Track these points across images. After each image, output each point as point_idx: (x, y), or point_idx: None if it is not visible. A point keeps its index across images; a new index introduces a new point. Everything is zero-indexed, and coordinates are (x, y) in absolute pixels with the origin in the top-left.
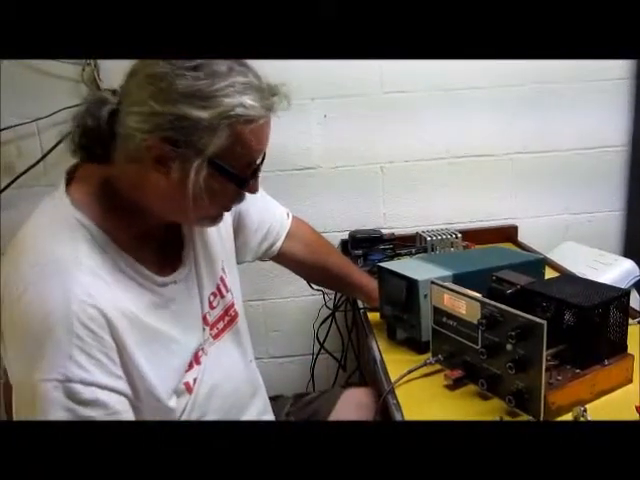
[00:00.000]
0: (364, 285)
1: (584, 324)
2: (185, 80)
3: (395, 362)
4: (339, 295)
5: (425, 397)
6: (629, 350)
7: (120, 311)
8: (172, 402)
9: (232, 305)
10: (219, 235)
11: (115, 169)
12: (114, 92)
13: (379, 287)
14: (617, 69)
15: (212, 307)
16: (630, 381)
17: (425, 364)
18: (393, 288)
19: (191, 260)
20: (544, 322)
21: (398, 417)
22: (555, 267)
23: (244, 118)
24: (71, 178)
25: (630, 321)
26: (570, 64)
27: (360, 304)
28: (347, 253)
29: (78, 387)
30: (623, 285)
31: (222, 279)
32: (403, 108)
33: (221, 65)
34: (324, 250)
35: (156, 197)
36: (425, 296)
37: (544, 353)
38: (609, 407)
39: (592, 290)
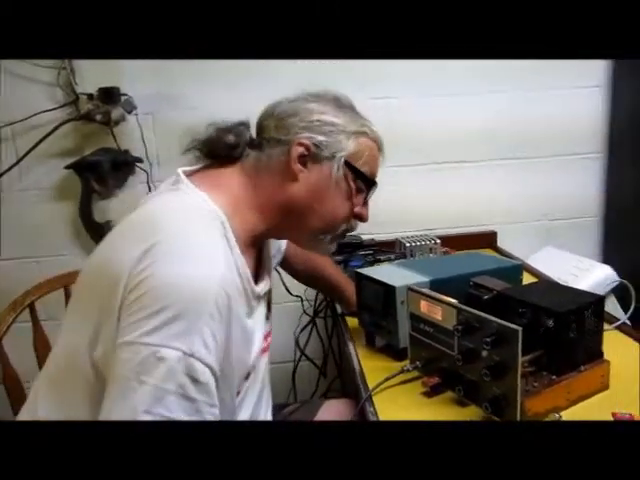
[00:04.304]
0: (335, 281)
1: (560, 330)
2: (329, 104)
3: (374, 369)
4: (319, 301)
5: (402, 405)
6: (607, 356)
7: (234, 306)
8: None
9: (270, 331)
10: (273, 253)
11: (250, 174)
12: (90, 96)
13: (357, 293)
14: (592, 77)
15: (266, 334)
16: (606, 387)
17: (402, 371)
18: (370, 294)
19: (267, 277)
20: (519, 328)
21: None
22: (533, 273)
23: (372, 136)
24: (191, 177)
25: (607, 327)
26: (547, 70)
27: (339, 309)
28: None
29: (198, 365)
30: (601, 290)
31: (271, 303)
32: (383, 114)
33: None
34: None
35: (292, 197)
36: (402, 302)
37: (519, 359)
38: (585, 414)
39: (568, 296)
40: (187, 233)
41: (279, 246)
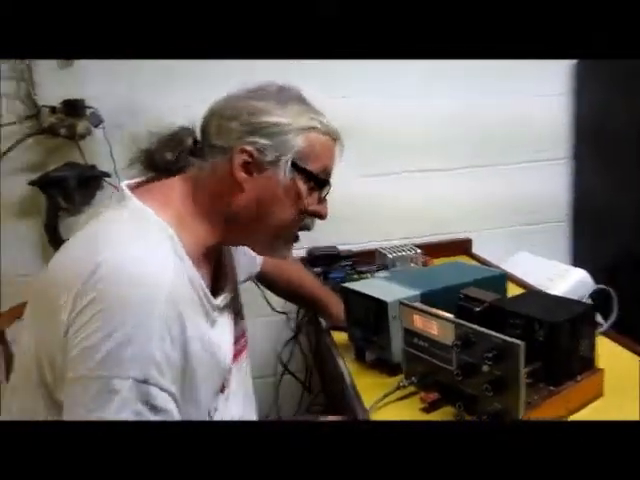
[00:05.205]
0: (317, 297)
1: (556, 340)
2: (272, 99)
3: (367, 386)
4: (301, 316)
5: None
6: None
7: (189, 321)
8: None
9: (243, 334)
10: (242, 264)
11: (195, 184)
12: (53, 109)
13: (345, 309)
14: (557, 83)
15: (236, 339)
16: (601, 395)
17: (399, 387)
18: (361, 310)
19: (230, 288)
20: (521, 343)
21: None
22: (514, 280)
23: (322, 130)
24: (135, 191)
25: None
26: (514, 76)
27: (324, 324)
28: None
29: (154, 390)
30: (577, 295)
31: (240, 308)
32: (356, 122)
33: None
34: (284, 261)
35: (240, 206)
36: (394, 317)
37: (522, 374)
38: None
39: (559, 306)
40: (132, 253)
41: (252, 255)
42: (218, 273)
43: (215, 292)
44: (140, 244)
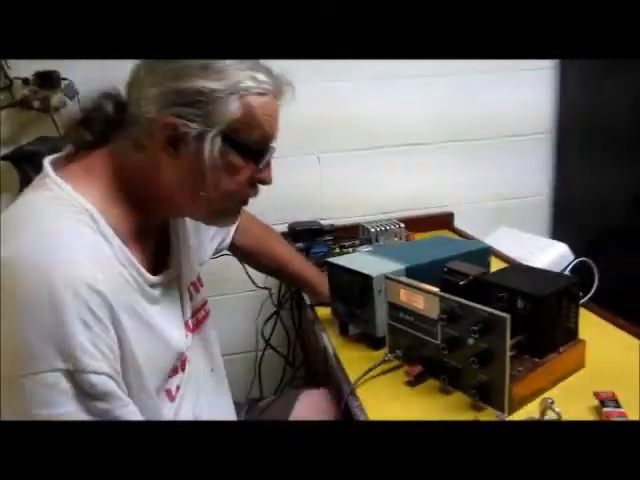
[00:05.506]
0: (304, 276)
1: (541, 313)
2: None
3: (351, 360)
4: (283, 292)
5: (387, 395)
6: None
7: (120, 302)
8: (161, 401)
9: (204, 304)
10: (197, 239)
11: (120, 159)
12: (25, 81)
13: (330, 284)
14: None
15: (192, 313)
16: (582, 366)
17: (384, 361)
18: (345, 284)
19: (176, 265)
20: (507, 316)
21: (362, 419)
22: (497, 255)
23: (256, 91)
24: (60, 167)
25: None
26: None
27: (307, 300)
28: None
29: (93, 378)
30: (558, 268)
31: (195, 283)
32: (338, 97)
33: None
34: (268, 238)
35: (170, 184)
36: (379, 291)
37: (508, 346)
38: (567, 394)
39: (544, 279)
40: (42, 240)
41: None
42: (162, 248)
43: (159, 268)
44: (51, 229)
